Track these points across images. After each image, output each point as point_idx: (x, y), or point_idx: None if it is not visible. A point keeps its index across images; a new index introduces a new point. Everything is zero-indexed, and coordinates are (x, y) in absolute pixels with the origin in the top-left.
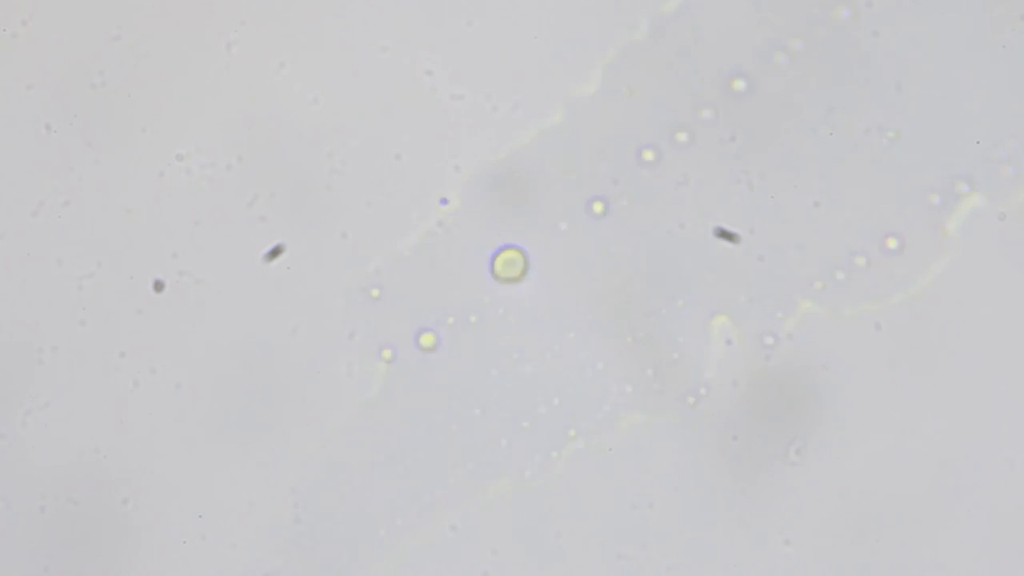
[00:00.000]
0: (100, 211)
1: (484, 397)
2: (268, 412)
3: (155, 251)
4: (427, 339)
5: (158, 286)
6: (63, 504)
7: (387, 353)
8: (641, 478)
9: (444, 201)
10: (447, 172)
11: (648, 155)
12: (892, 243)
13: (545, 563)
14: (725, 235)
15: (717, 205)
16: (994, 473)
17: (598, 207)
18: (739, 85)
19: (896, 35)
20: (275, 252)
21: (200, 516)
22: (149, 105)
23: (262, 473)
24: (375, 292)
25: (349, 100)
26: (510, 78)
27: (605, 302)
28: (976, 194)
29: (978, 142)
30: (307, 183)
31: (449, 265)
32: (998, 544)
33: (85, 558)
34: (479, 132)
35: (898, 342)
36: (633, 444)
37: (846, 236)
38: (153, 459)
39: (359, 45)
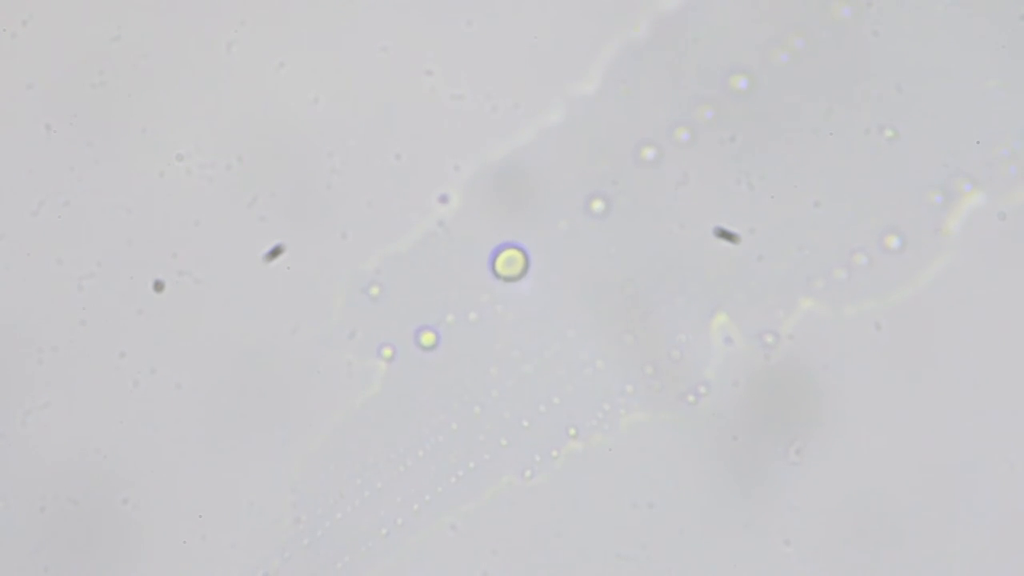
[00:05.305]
0: (100, 211)
1: (484, 396)
2: (268, 412)
3: (155, 251)
4: (427, 338)
5: (158, 286)
6: (63, 504)
7: (387, 352)
8: (641, 478)
9: (443, 198)
10: (447, 172)
11: (648, 153)
12: (893, 241)
13: (545, 563)
14: (725, 235)
15: (717, 205)
16: (994, 473)
17: (598, 205)
18: (739, 83)
19: (896, 35)
20: (275, 252)
21: (200, 516)
22: (149, 105)
23: (262, 473)
24: (375, 291)
25: (349, 100)
26: (510, 78)
27: (605, 300)
28: (978, 192)
29: (978, 142)
30: (307, 183)
31: (449, 263)
32: (998, 544)
33: (85, 558)
34: (479, 132)
35: (898, 342)
36: (633, 443)
37: (846, 235)
38: (153, 459)
39: (359, 45)
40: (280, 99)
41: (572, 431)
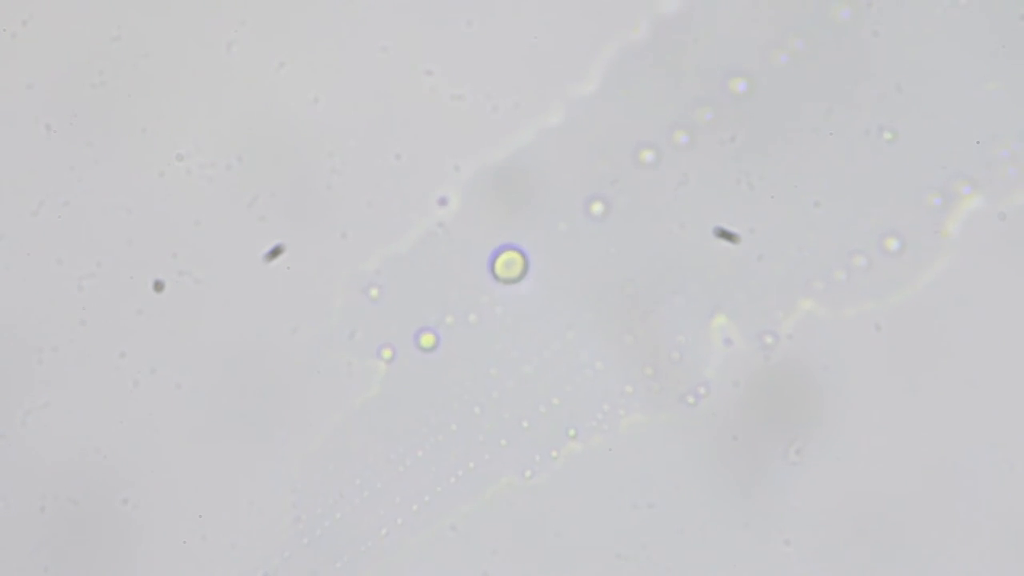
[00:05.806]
0: (100, 211)
1: (484, 397)
2: (268, 412)
3: (155, 251)
4: (427, 339)
5: (158, 286)
6: (63, 504)
7: (387, 352)
8: (641, 478)
9: (443, 201)
10: (447, 172)
11: (647, 155)
12: (892, 243)
13: (545, 563)
14: (725, 235)
15: (717, 205)
16: (994, 474)
17: (597, 207)
18: (739, 85)
19: (896, 35)
20: (275, 252)
21: (200, 516)
22: (149, 105)
23: (262, 473)
24: (374, 292)
25: (349, 100)
26: (510, 78)
27: (604, 301)
28: (977, 194)
29: (978, 142)
30: (307, 183)
31: (448, 265)
32: (998, 545)
33: (85, 558)
34: (479, 132)
35: (898, 342)
36: (633, 444)
37: (846, 236)
38: (153, 459)
39: (359, 45)
40: (280, 99)
41: (572, 432)
